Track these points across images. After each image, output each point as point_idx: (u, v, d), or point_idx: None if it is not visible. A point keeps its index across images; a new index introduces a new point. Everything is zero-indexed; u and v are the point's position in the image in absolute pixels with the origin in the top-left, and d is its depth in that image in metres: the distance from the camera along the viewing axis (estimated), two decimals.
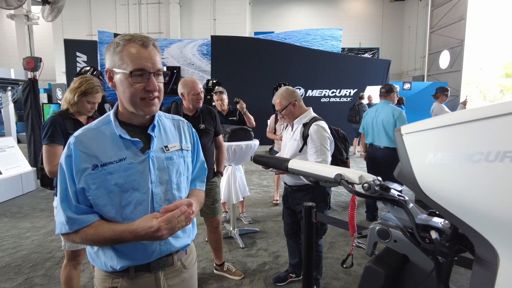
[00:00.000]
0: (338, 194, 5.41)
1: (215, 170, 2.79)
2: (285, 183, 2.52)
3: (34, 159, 6.46)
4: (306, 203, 1.29)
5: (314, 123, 2.25)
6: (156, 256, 1.12)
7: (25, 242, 3.59)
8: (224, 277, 2.84)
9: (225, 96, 4.02)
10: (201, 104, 2.57)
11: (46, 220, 4.24)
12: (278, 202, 4.84)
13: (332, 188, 5.22)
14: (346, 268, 0.89)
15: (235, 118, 4.01)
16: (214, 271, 2.92)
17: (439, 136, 0.65)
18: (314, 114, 2.40)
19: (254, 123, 4.02)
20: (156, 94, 1.05)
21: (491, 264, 0.62)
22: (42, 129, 2.00)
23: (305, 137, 2.26)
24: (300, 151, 2.29)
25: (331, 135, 2.32)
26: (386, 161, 3.80)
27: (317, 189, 2.34)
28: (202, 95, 2.55)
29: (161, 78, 1.07)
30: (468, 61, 12.55)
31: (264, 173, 6.95)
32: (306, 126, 2.27)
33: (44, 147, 1.96)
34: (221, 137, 2.81)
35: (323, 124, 2.28)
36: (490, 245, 0.61)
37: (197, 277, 1.36)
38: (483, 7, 12.49)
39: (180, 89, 2.57)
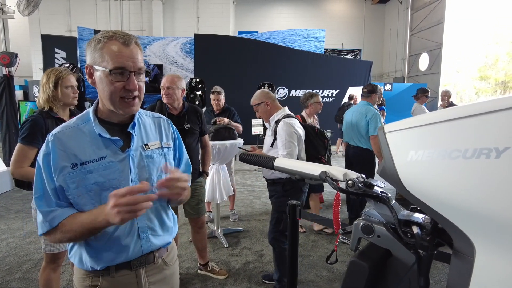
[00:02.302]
0: None
1: (201, 170, 2.77)
2: (264, 177, 2.61)
3: (9, 158, 6.21)
4: (290, 201, 1.31)
5: (282, 120, 2.41)
6: (137, 254, 1.11)
7: (1, 244, 3.46)
8: (208, 277, 2.83)
9: (222, 97, 4.06)
10: (169, 100, 2.49)
11: (23, 222, 4.09)
12: None
13: None
14: (330, 264, 0.91)
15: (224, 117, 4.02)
16: (198, 271, 2.90)
17: (420, 134, 0.68)
18: (287, 112, 2.53)
19: (241, 129, 4.04)
20: (136, 93, 1.04)
21: (468, 256, 0.65)
22: (22, 126, 1.94)
23: (275, 132, 2.42)
24: (272, 145, 2.46)
25: (302, 131, 2.46)
26: (357, 160, 3.88)
27: (288, 184, 2.43)
28: (169, 92, 2.46)
29: (142, 77, 1.06)
30: (445, 64, 12.99)
31: (248, 173, 6.96)
32: (278, 123, 2.44)
33: (18, 145, 1.90)
34: (206, 136, 2.79)
35: (292, 121, 2.42)
36: (467, 238, 0.64)
37: (181, 277, 1.35)
38: (460, 12, 12.94)
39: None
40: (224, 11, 16.03)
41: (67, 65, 8.23)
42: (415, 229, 0.73)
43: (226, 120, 3.78)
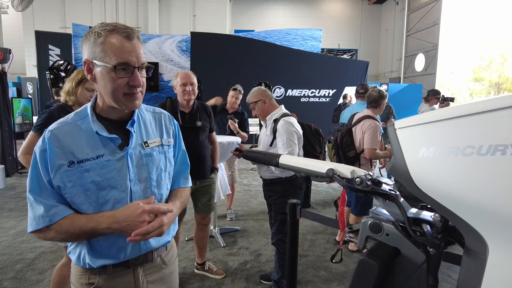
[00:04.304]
0: (318, 192, 5.49)
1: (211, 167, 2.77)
2: (261, 177, 2.58)
3: (2, 156, 6.12)
4: (291, 200, 1.29)
5: (281, 119, 2.38)
6: (135, 254, 1.09)
7: None
8: (206, 277, 2.80)
9: (241, 96, 4.02)
10: (191, 97, 2.49)
11: (16, 220, 4.03)
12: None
13: (311, 186, 5.28)
14: (335, 263, 0.89)
15: (237, 120, 4.03)
16: (195, 270, 2.88)
17: (433, 130, 0.66)
18: (284, 111, 2.51)
19: (246, 138, 4.02)
20: (139, 89, 1.01)
21: (481, 254, 0.63)
22: (39, 117, 2.03)
23: (274, 131, 2.38)
24: (271, 145, 2.42)
25: (300, 129, 2.44)
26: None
27: (287, 183, 2.42)
28: (192, 88, 2.47)
29: (144, 72, 1.03)
30: (441, 65, 13.07)
31: (244, 172, 6.94)
32: (276, 121, 2.40)
33: (31, 133, 1.97)
34: (214, 133, 2.79)
35: (291, 119, 2.40)
36: (480, 236, 0.63)
37: (178, 277, 1.32)
38: (456, 14, 13.04)
39: (172, 82, 2.55)
40: (221, 10, 15.98)
41: (62, 62, 8.09)
42: (425, 227, 0.72)
43: (236, 126, 3.80)
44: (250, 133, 8.01)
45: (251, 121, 8.12)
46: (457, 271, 3.00)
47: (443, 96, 5.63)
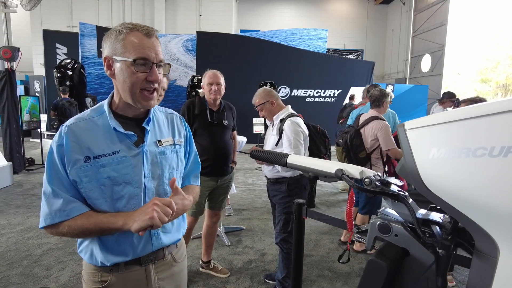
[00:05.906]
0: (322, 192, 5.48)
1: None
2: (265, 176, 2.59)
3: (10, 153, 6.19)
4: (297, 200, 1.29)
5: (288, 119, 2.39)
6: (147, 251, 1.11)
7: (1, 239, 3.44)
8: (211, 275, 2.82)
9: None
10: (217, 97, 2.54)
11: (23, 217, 4.08)
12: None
13: (316, 186, 5.27)
14: (342, 263, 0.89)
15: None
16: (200, 269, 2.89)
17: (444, 132, 0.66)
18: (291, 111, 2.52)
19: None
20: (156, 86, 1.03)
21: (491, 256, 0.63)
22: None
23: (280, 131, 2.39)
24: (276, 144, 2.43)
25: (306, 130, 2.45)
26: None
27: (292, 183, 2.42)
28: (218, 88, 2.51)
29: (162, 70, 1.05)
30: (447, 66, 12.97)
31: (249, 171, 6.95)
32: (283, 121, 2.41)
33: None
34: (235, 131, 2.85)
35: (298, 119, 2.41)
36: (490, 238, 0.63)
37: (187, 275, 1.34)
38: (463, 14, 12.92)
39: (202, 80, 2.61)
40: (227, 9, 16.00)
41: (69, 60, 8.14)
42: (435, 229, 0.72)
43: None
44: (255, 132, 7.99)
45: (256, 120, 8.15)
46: (461, 272, 2.97)
47: (457, 99, 5.55)
